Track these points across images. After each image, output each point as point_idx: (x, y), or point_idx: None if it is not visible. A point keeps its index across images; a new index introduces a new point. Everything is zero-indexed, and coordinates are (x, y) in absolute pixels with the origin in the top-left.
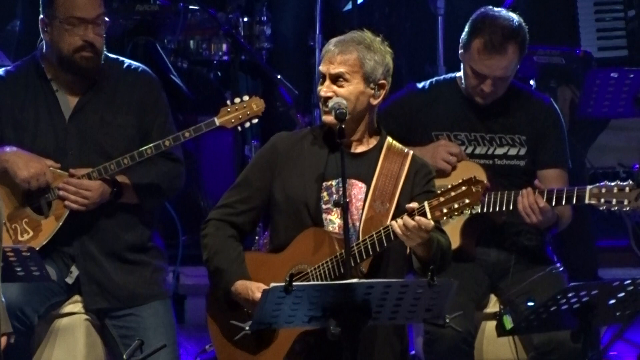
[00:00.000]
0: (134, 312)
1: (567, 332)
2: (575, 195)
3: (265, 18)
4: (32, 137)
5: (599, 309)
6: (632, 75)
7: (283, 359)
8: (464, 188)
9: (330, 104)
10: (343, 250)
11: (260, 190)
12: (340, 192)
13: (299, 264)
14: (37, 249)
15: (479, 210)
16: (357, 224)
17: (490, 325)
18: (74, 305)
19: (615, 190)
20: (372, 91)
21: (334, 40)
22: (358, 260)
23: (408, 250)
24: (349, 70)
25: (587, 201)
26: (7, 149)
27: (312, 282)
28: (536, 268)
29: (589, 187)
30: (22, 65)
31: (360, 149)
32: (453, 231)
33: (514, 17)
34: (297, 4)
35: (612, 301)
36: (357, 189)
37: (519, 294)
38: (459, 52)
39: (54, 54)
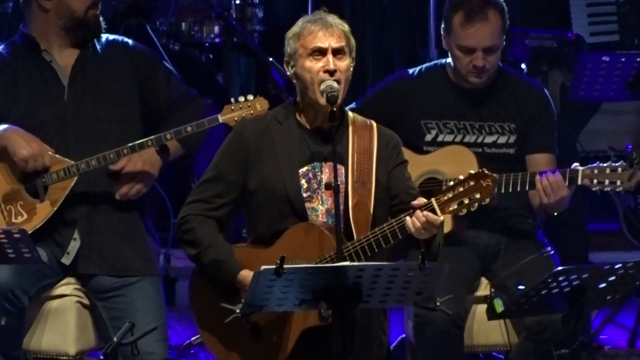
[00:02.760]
0: (124, 294)
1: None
2: (567, 176)
3: (257, 0)
4: (27, 109)
5: (590, 292)
6: (623, 59)
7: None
8: (472, 183)
9: (322, 87)
10: (349, 243)
11: (234, 184)
12: (318, 178)
13: (293, 259)
14: (30, 232)
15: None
16: (341, 207)
17: (481, 309)
18: (65, 288)
19: (607, 171)
20: (351, 67)
21: (308, 18)
22: (369, 254)
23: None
24: (346, 44)
25: (580, 182)
26: (9, 127)
27: (303, 265)
28: (527, 251)
29: (581, 168)
30: (11, 43)
31: (328, 127)
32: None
33: None
34: None
35: (603, 285)
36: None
37: (510, 277)
38: (443, 42)
39: (61, 19)
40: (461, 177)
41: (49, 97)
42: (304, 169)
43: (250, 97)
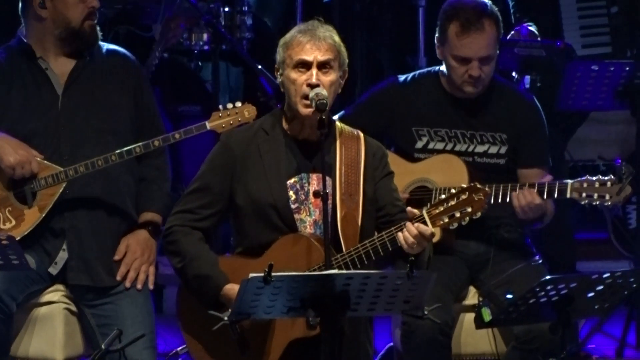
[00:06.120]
0: (112, 301)
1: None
2: (557, 189)
3: (246, 8)
4: (20, 116)
5: (578, 301)
6: (612, 68)
7: None
8: (464, 197)
9: (311, 94)
10: (339, 255)
11: (221, 195)
12: (305, 189)
13: (282, 270)
14: (18, 238)
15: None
16: (329, 219)
17: (469, 317)
18: (53, 294)
19: (597, 185)
20: (341, 80)
21: (300, 28)
22: (358, 266)
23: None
24: (334, 57)
25: (568, 195)
26: None
27: (291, 273)
28: (515, 260)
29: (570, 181)
30: (6, 48)
31: (315, 137)
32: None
33: None
34: None
35: (591, 294)
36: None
37: (498, 286)
38: (437, 51)
39: (57, 28)
40: (453, 191)
41: (43, 105)
42: (292, 180)
43: (239, 104)
